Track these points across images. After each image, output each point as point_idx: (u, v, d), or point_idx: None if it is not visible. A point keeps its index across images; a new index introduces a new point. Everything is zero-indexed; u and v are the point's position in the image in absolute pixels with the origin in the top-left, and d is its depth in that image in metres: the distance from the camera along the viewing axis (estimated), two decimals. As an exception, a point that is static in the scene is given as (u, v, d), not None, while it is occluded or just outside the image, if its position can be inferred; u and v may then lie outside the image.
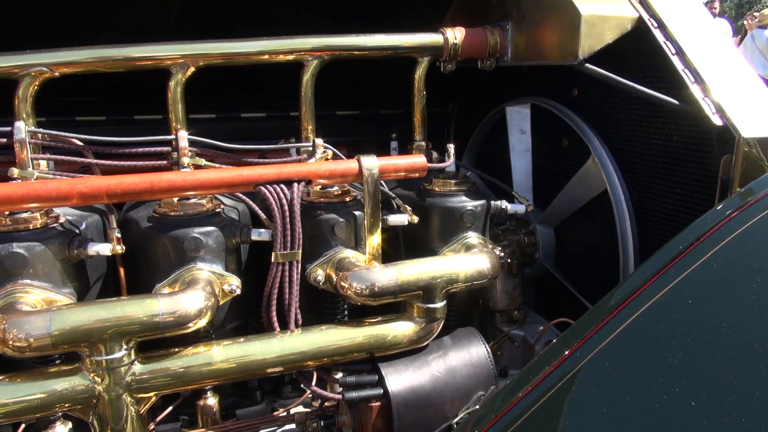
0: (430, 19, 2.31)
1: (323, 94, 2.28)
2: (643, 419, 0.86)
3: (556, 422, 0.96)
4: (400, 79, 2.66)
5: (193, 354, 1.37)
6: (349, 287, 1.48)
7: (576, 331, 1.07)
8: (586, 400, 0.94)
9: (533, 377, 1.04)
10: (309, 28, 1.83)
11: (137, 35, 1.69)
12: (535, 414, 0.98)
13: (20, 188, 1.30)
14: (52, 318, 1.21)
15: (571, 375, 0.98)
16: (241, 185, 1.47)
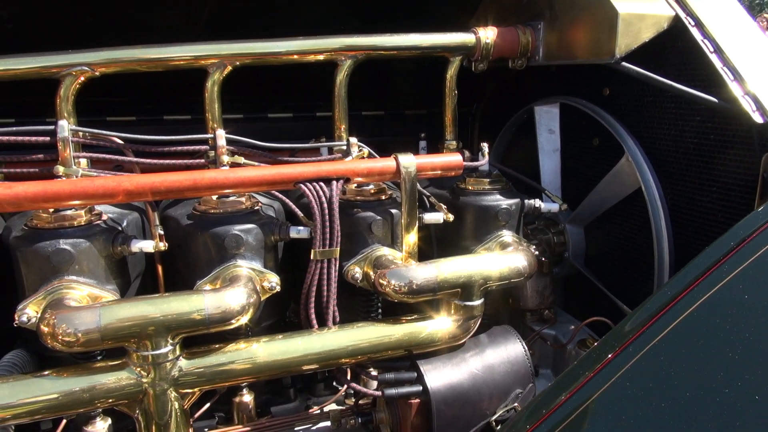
0: (456, 19, 2.31)
1: (348, 94, 2.31)
2: (706, 413, 0.86)
3: (613, 416, 0.96)
4: (423, 80, 2.68)
5: (237, 350, 1.38)
6: (388, 284, 1.49)
7: (627, 326, 1.07)
8: (642, 395, 0.94)
9: (587, 371, 1.04)
10: (337, 28, 1.84)
11: (168, 36, 1.70)
12: (589, 408, 0.98)
13: (68, 185, 1.32)
14: (101, 313, 1.23)
15: (625, 369, 0.98)
16: (282, 183, 1.48)
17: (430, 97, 2.74)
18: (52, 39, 1.68)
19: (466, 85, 2.22)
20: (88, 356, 1.49)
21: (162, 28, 2.06)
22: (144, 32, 1.95)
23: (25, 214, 1.52)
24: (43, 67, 1.55)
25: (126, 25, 2.00)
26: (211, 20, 2.08)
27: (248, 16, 2.08)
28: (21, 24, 1.92)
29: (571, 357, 1.90)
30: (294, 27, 1.80)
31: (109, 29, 1.92)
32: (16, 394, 1.22)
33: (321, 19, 2.28)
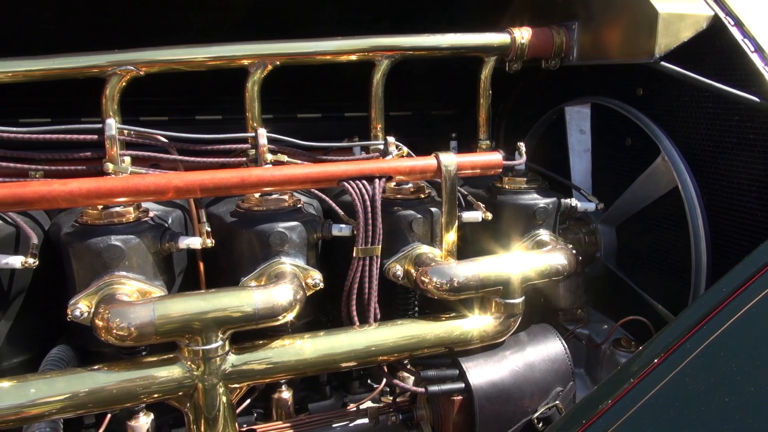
0: (487, 19, 2.33)
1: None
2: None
3: (674, 411, 0.97)
4: (450, 80, 2.70)
5: (284, 346, 1.40)
6: (429, 282, 1.50)
7: (682, 323, 1.07)
8: (704, 389, 0.95)
9: (640, 369, 1.05)
10: (367, 29, 1.85)
11: (204, 37, 1.73)
12: (649, 403, 0.99)
13: (120, 182, 1.34)
14: (155, 308, 1.25)
15: (685, 364, 0.99)
16: (326, 181, 1.50)
17: (457, 98, 2.77)
18: (91, 40, 1.71)
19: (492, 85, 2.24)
20: (133, 351, 1.52)
21: (196, 29, 2.08)
22: (178, 33, 1.98)
23: (73, 210, 1.55)
24: (90, 66, 1.57)
25: (153, 26, 2.02)
26: (242, 23, 2.11)
27: (281, 17, 2.10)
28: (61, 25, 1.95)
29: (605, 356, 1.91)
30: (324, 28, 1.81)
31: (142, 30, 1.94)
32: (71, 387, 1.24)
33: (352, 21, 2.30)
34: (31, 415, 1.22)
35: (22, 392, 1.21)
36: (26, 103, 2.10)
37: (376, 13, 2.28)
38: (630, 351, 1.85)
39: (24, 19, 1.92)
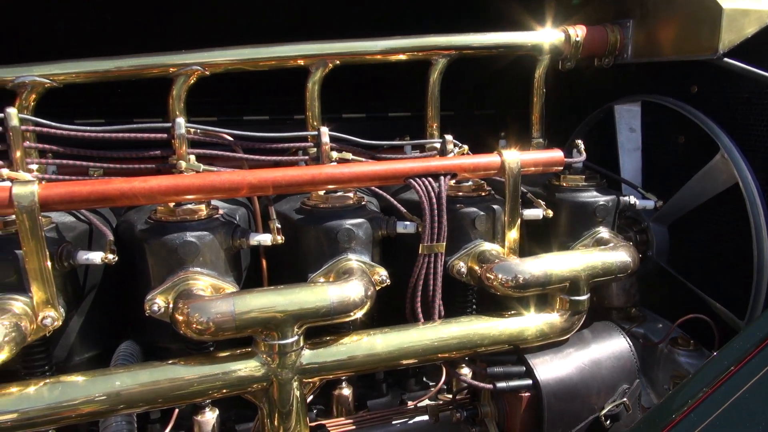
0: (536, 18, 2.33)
1: (418, 95, 2.33)
2: None
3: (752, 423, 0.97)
4: (491, 81, 2.70)
5: (356, 341, 1.41)
6: (495, 278, 1.50)
7: (761, 327, 1.07)
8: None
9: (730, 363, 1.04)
10: (413, 29, 1.86)
11: (257, 38, 1.75)
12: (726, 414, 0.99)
13: (197, 179, 1.36)
14: (235, 303, 1.26)
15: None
16: (393, 178, 1.51)
17: (498, 97, 2.77)
18: (150, 41, 1.74)
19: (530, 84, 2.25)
20: (201, 347, 1.54)
21: (247, 31, 2.10)
22: (230, 35, 2.01)
23: (142, 208, 1.57)
24: (159, 66, 1.60)
25: (210, 28, 2.05)
26: (289, 24, 2.13)
27: (332, 17, 2.12)
28: (122, 26, 1.99)
29: (662, 355, 1.89)
30: (370, 29, 1.83)
31: (194, 33, 1.97)
32: (154, 380, 1.26)
33: (398, 21, 2.31)
34: (116, 406, 1.24)
35: (108, 384, 1.24)
36: (79, 104, 2.14)
37: (426, 13, 2.29)
38: (689, 350, 1.84)
39: (84, 23, 1.96)
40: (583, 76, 2.41)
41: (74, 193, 1.27)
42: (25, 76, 1.51)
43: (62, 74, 1.54)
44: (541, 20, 2.03)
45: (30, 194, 1.23)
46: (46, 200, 1.25)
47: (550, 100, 2.75)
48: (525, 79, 2.25)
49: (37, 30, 1.88)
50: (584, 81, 2.48)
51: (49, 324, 1.29)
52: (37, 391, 1.22)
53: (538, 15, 2.04)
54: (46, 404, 1.20)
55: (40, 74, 1.52)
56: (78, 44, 1.65)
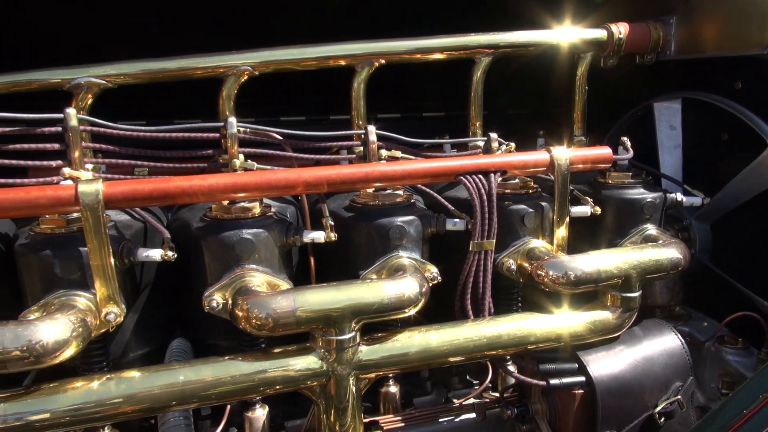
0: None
1: (453, 95, 2.33)
2: None
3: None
4: (523, 80, 2.70)
5: (410, 337, 1.42)
6: (546, 275, 1.50)
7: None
8: None
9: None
10: (453, 28, 1.87)
11: (305, 39, 1.76)
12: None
13: (254, 177, 1.38)
14: (295, 298, 1.28)
15: None
16: (444, 175, 1.51)
17: (531, 97, 2.76)
18: (189, 44, 1.76)
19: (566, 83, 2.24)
20: (252, 344, 1.55)
21: (295, 31, 2.13)
22: (279, 35, 2.03)
23: (194, 207, 1.59)
24: (210, 67, 1.62)
25: (262, 29, 2.08)
26: (339, 24, 2.14)
27: (379, 17, 2.13)
28: (160, 29, 2.02)
29: (709, 354, 1.88)
30: (414, 29, 1.84)
31: (247, 33, 1.99)
32: (216, 375, 1.27)
33: (439, 21, 2.32)
34: (179, 401, 1.26)
35: (172, 378, 1.25)
36: (121, 106, 2.17)
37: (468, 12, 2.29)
38: (737, 348, 1.82)
39: (128, 27, 1.99)
40: (618, 74, 2.40)
41: (137, 190, 1.29)
42: (82, 77, 1.53)
43: (117, 75, 1.56)
44: (560, 18, 2.04)
45: (95, 192, 1.25)
46: (110, 198, 1.27)
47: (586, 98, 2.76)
48: (558, 77, 2.25)
49: (86, 32, 1.91)
50: (618, 79, 2.47)
51: (112, 320, 1.31)
52: (102, 385, 1.24)
53: (558, 13, 2.04)
54: (114, 397, 1.22)
55: (96, 75, 1.54)
56: (127, 46, 1.69)
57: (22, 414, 1.17)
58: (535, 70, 2.34)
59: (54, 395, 1.21)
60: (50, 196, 1.24)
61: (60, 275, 1.31)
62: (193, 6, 2.00)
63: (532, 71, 2.39)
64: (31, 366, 1.15)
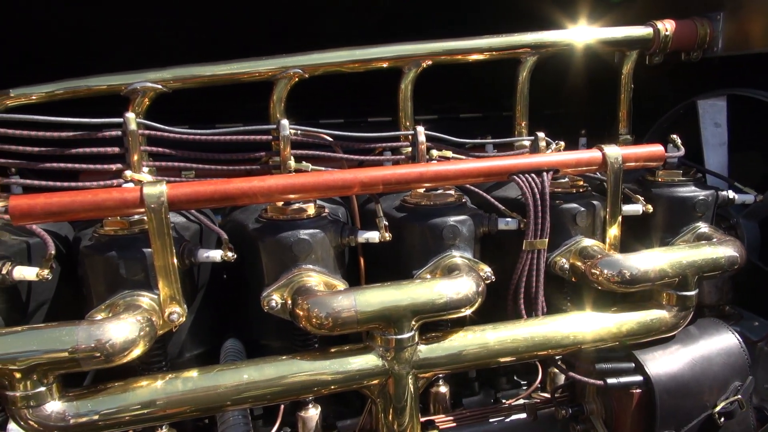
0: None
1: (490, 96, 2.33)
2: None
3: None
4: (560, 80, 2.68)
5: (468, 336, 1.42)
6: (601, 274, 1.49)
7: None
8: None
9: None
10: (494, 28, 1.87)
11: (344, 41, 1.78)
12: None
13: (312, 178, 1.39)
14: (356, 298, 1.29)
15: None
16: (497, 174, 1.51)
17: (566, 96, 2.75)
18: (236, 46, 1.78)
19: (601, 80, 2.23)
20: (305, 343, 1.57)
21: (335, 35, 2.15)
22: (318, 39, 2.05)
23: (247, 209, 1.61)
24: (261, 71, 1.64)
25: (301, 33, 2.10)
26: (378, 27, 2.16)
27: (422, 16, 2.15)
28: (206, 33, 2.05)
29: (762, 354, 1.85)
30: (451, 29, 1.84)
31: (287, 37, 2.02)
32: (280, 373, 1.29)
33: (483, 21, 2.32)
34: (242, 399, 1.27)
35: (236, 377, 1.27)
36: (164, 110, 2.21)
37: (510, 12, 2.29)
38: (792, 347, 1.79)
39: (177, 30, 2.03)
40: (656, 72, 2.38)
41: (199, 192, 1.31)
42: (138, 82, 1.56)
43: (173, 79, 1.59)
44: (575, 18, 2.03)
45: (160, 194, 1.27)
46: (174, 200, 1.29)
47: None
48: (594, 76, 2.24)
49: (141, 38, 1.95)
50: (656, 77, 2.45)
51: (175, 319, 1.33)
52: (168, 383, 1.26)
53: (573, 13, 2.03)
54: (181, 395, 1.24)
55: (152, 80, 1.57)
56: (176, 52, 1.72)
57: (94, 411, 1.19)
58: (571, 69, 2.33)
59: (123, 393, 1.23)
60: (117, 199, 1.26)
61: (125, 276, 1.33)
62: (235, 13, 2.03)
63: (569, 71, 2.38)
64: (102, 365, 1.17)
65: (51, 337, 1.13)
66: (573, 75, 2.35)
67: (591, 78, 2.32)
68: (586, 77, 2.33)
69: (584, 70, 2.23)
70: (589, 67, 2.16)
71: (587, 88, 2.50)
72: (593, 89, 2.59)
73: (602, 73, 2.21)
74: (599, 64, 2.17)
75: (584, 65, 2.14)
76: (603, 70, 2.18)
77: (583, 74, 2.29)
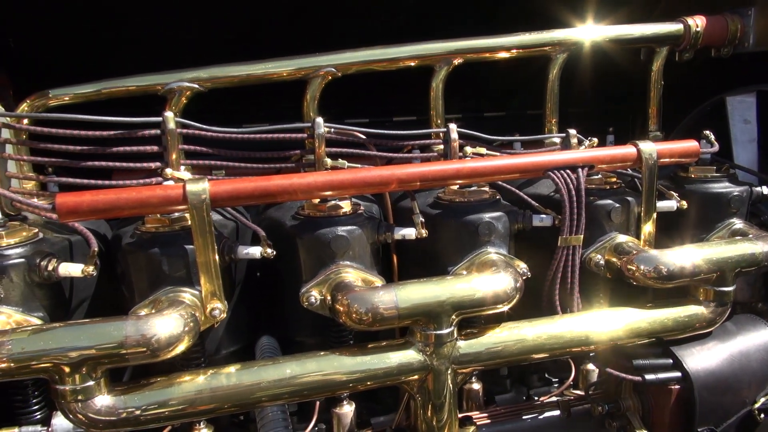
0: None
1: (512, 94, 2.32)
2: None
3: None
4: (584, 78, 2.68)
5: (506, 332, 1.42)
6: (637, 270, 1.49)
7: None
8: None
9: None
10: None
11: (371, 42, 1.79)
12: None
13: (350, 175, 1.40)
14: (397, 293, 1.29)
15: None
16: (532, 171, 1.52)
17: (587, 95, 2.74)
18: (262, 48, 1.79)
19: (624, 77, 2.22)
20: (341, 340, 1.57)
21: (363, 35, 2.16)
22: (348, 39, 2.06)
23: (282, 206, 1.63)
24: (295, 70, 1.65)
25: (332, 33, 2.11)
26: (404, 26, 2.17)
27: (446, 17, 2.15)
28: (233, 34, 2.07)
29: (797, 350, 1.83)
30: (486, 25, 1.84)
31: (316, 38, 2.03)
32: (321, 368, 1.30)
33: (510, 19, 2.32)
34: (285, 394, 1.28)
35: (279, 372, 1.28)
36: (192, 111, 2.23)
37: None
38: (828, 344, 1.77)
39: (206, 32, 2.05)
40: (688, 68, 2.37)
41: (240, 189, 1.33)
42: (175, 82, 1.58)
43: (209, 79, 1.61)
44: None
45: (202, 191, 1.28)
46: (216, 197, 1.30)
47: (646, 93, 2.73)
48: (618, 74, 2.23)
49: (176, 39, 1.97)
50: (682, 74, 2.44)
51: (217, 315, 1.34)
52: (212, 378, 1.27)
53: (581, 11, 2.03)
54: (225, 390, 1.26)
55: (189, 79, 1.59)
56: (208, 52, 1.73)
57: (142, 406, 1.20)
58: (594, 67, 2.33)
59: (169, 388, 1.24)
60: (161, 196, 1.28)
61: (167, 272, 1.35)
62: (260, 15, 2.05)
63: (593, 68, 2.38)
64: (148, 360, 1.18)
65: (101, 331, 1.15)
66: (596, 73, 2.35)
67: (615, 76, 2.31)
68: (610, 75, 2.31)
69: (607, 68, 2.21)
70: (612, 65, 2.15)
71: (611, 86, 2.49)
72: (617, 87, 2.58)
73: (626, 71, 2.21)
74: (623, 62, 2.15)
75: (607, 63, 2.13)
76: (627, 67, 2.17)
77: (606, 72, 2.28)
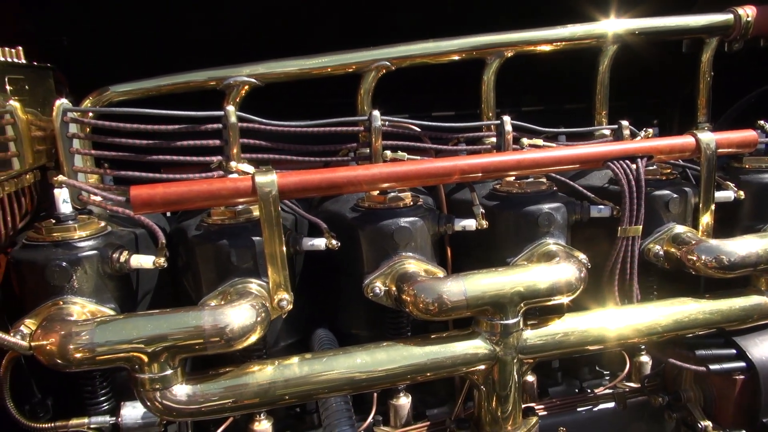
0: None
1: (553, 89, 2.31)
2: None
3: None
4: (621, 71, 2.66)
5: (569, 322, 1.42)
6: (698, 260, 1.49)
7: None
8: None
9: None
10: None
11: (416, 35, 1.79)
12: None
13: (414, 167, 1.40)
14: (466, 283, 1.30)
15: None
16: (591, 161, 1.52)
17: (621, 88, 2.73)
18: (310, 43, 1.80)
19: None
20: (399, 332, 1.58)
21: (406, 29, 2.16)
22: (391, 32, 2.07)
23: (338, 199, 1.63)
24: (350, 64, 1.66)
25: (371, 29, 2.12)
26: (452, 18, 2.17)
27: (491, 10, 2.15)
28: (281, 29, 2.08)
29: None
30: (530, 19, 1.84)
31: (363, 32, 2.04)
32: (391, 359, 1.31)
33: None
34: (354, 383, 1.29)
35: (348, 362, 1.29)
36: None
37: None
38: None
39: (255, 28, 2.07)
40: (733, 59, 2.35)
41: (307, 181, 1.34)
42: (233, 77, 1.60)
43: (267, 73, 1.62)
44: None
45: (271, 183, 1.30)
46: (284, 188, 1.32)
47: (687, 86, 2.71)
48: (659, 66, 2.22)
49: (232, 35, 1.99)
50: (732, 64, 2.42)
51: (284, 306, 1.35)
52: (283, 368, 1.28)
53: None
54: (296, 379, 1.27)
55: (247, 74, 1.60)
56: (259, 48, 1.75)
57: (218, 395, 1.22)
58: (635, 60, 2.31)
59: (243, 377, 1.25)
60: (231, 188, 1.29)
61: (235, 263, 1.36)
62: (305, 11, 2.06)
63: (633, 61, 2.37)
64: (224, 349, 1.20)
65: (180, 321, 1.17)
66: (638, 66, 2.34)
67: (658, 68, 2.30)
68: (651, 67, 2.30)
69: (648, 61, 2.20)
70: (653, 57, 2.13)
71: (653, 78, 2.48)
72: (656, 80, 2.57)
73: (664, 64, 2.20)
74: (659, 56, 2.14)
75: (643, 57, 2.12)
76: (669, 59, 2.16)
77: (647, 65, 2.27)
